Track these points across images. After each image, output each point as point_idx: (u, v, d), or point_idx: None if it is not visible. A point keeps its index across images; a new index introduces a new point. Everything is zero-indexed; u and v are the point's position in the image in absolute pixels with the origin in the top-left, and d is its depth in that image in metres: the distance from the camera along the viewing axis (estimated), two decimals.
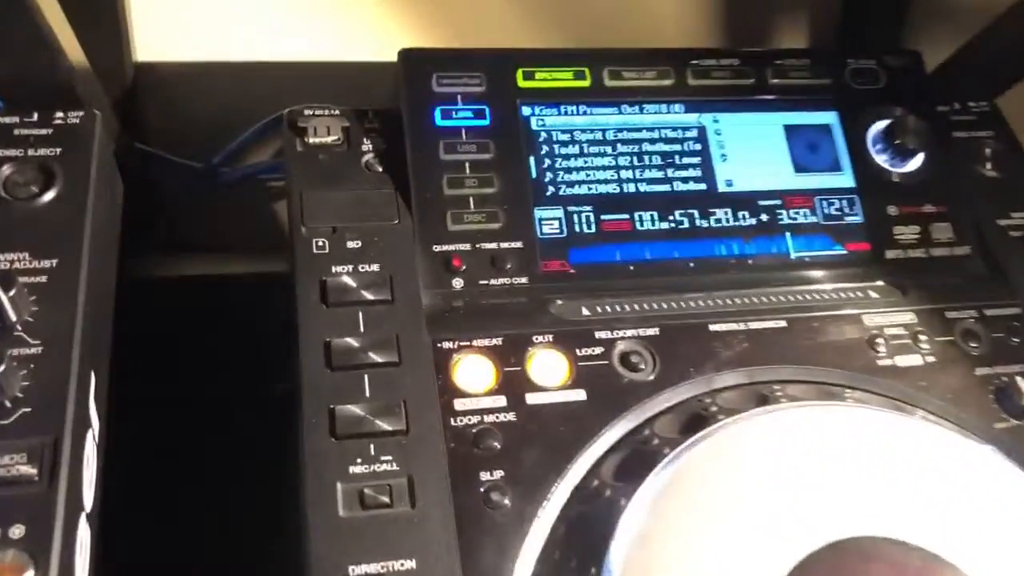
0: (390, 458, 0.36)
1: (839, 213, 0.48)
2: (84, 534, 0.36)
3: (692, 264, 0.46)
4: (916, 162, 0.50)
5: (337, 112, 0.46)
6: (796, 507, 0.35)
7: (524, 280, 0.43)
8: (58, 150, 0.42)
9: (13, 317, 0.36)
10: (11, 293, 0.36)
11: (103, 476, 0.39)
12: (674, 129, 0.48)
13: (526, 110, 0.46)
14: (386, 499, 0.35)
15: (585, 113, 0.47)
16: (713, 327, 0.43)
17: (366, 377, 0.38)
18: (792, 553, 0.34)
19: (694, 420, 0.38)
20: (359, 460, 0.36)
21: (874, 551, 0.35)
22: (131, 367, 0.43)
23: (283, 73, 0.59)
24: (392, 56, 0.47)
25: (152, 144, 0.54)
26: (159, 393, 0.52)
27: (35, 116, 0.42)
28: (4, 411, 0.35)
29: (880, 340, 0.44)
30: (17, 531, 0.32)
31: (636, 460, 0.37)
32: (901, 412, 0.40)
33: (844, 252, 0.47)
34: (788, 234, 0.47)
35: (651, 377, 0.40)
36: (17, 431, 0.35)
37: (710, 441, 0.36)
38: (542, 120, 0.46)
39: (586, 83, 0.48)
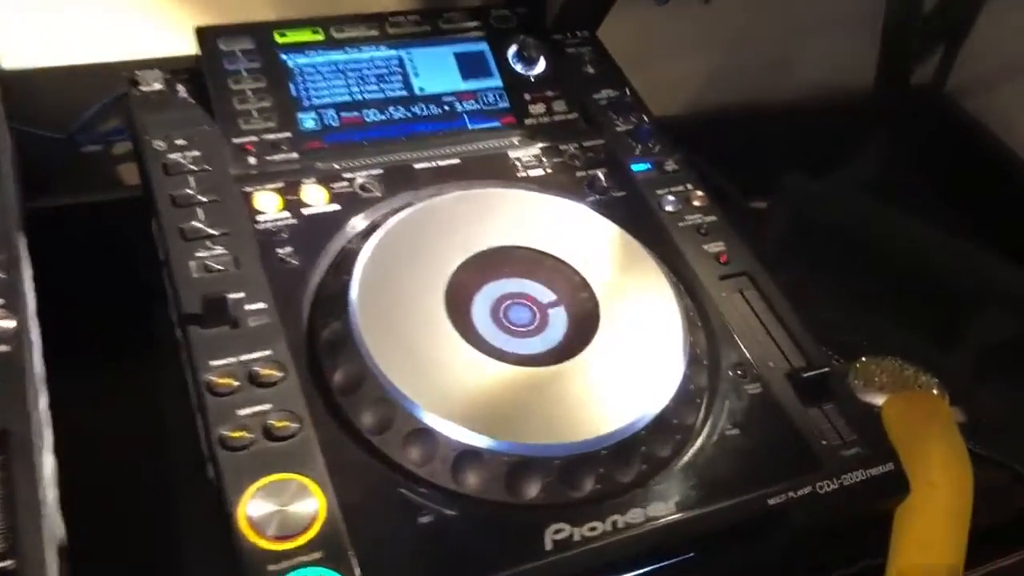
0: (222, 247, 0.60)
1: (494, 101, 0.76)
2: None
3: (404, 138, 0.72)
4: (539, 67, 0.79)
5: (158, 71, 0.70)
6: (456, 237, 0.62)
7: (295, 155, 0.68)
8: None
9: None
10: None
11: None
12: (383, 60, 0.75)
13: (283, 55, 0.72)
14: (222, 268, 0.59)
15: (322, 54, 0.73)
16: (416, 166, 0.70)
17: (199, 210, 0.62)
18: (456, 258, 0.61)
19: (401, 207, 0.65)
20: (201, 250, 0.60)
21: (506, 252, 0.62)
22: None
23: (111, 70, 0.81)
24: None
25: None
26: None
27: None
28: None
29: (519, 164, 0.72)
30: None
31: (369, 229, 0.63)
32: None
33: (500, 124, 0.76)
34: (466, 116, 0.75)
35: (379, 194, 0.67)
36: None
37: (408, 212, 0.63)
38: (295, 60, 0.72)
39: (321, 37, 0.74)
